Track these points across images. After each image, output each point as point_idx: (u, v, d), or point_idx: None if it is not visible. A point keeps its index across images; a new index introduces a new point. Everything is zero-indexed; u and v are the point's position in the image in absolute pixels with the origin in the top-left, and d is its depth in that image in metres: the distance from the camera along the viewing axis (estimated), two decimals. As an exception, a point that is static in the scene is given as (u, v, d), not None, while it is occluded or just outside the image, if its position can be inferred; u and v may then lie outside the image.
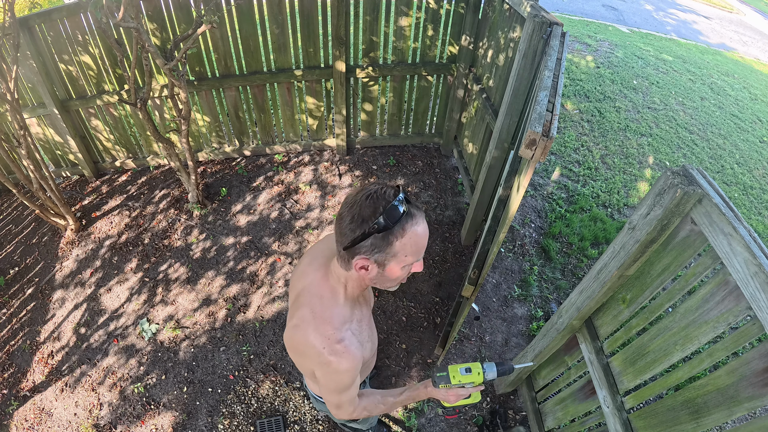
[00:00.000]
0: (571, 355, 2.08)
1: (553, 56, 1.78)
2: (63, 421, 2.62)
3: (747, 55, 8.46)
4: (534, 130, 1.29)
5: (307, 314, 1.11)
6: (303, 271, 1.23)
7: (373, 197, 0.94)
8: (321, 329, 1.09)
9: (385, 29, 3.34)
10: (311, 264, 1.21)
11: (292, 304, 1.22)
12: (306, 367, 1.21)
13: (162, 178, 3.90)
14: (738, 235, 1.11)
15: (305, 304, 1.14)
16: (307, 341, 1.10)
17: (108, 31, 2.59)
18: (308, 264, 1.22)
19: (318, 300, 1.13)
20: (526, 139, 1.30)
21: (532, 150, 1.31)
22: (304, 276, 1.20)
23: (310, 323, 1.10)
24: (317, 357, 1.09)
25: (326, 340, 1.08)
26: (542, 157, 1.33)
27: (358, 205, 0.95)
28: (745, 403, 1.20)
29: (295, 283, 1.25)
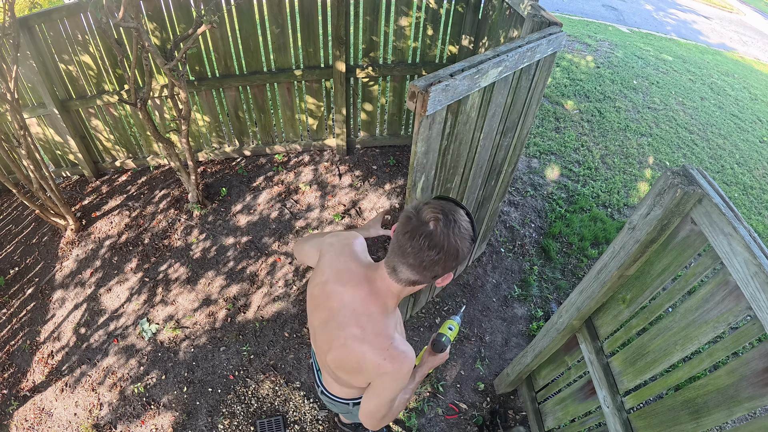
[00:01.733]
0: (571, 355, 2.08)
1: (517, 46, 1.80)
2: (63, 421, 2.62)
3: (747, 55, 8.46)
4: (416, 84, 1.44)
5: (358, 332, 1.13)
6: (332, 291, 1.20)
7: (461, 226, 1.00)
8: (376, 343, 1.12)
9: (385, 29, 3.34)
10: (342, 283, 1.19)
11: (327, 324, 1.21)
12: (360, 382, 1.22)
13: (162, 178, 3.90)
14: (738, 235, 1.11)
15: (351, 323, 1.14)
16: (363, 358, 1.13)
17: (108, 31, 2.59)
18: (337, 283, 1.19)
19: (366, 317, 1.14)
20: (408, 92, 1.49)
21: (414, 102, 1.47)
22: (337, 296, 1.18)
23: (363, 341, 1.12)
24: (376, 369, 1.12)
25: (384, 351, 1.11)
26: (422, 110, 1.47)
27: (452, 229, 0.98)
28: (745, 403, 1.20)
29: (323, 304, 1.22)
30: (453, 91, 1.54)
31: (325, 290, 1.22)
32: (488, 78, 1.68)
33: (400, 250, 1.02)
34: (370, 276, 1.17)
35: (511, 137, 2.30)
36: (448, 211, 1.00)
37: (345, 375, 1.25)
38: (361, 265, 1.21)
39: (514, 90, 1.98)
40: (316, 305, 1.26)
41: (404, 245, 1.01)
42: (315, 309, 1.27)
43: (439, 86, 1.46)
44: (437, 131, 1.69)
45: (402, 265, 1.04)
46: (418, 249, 0.98)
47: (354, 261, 1.22)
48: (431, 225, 0.98)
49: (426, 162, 1.78)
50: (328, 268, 1.24)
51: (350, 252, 1.25)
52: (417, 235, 0.98)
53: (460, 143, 1.92)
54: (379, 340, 1.12)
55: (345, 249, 1.26)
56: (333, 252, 1.26)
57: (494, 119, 2.01)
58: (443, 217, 0.98)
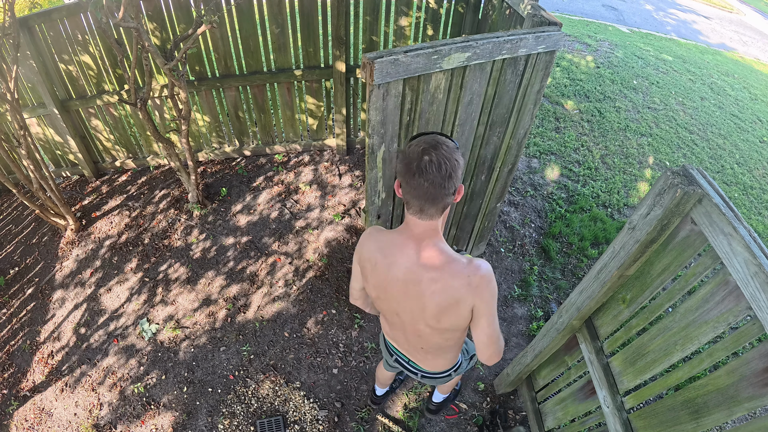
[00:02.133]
0: (571, 355, 2.08)
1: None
2: (63, 421, 2.62)
3: (747, 55, 8.46)
4: (366, 55, 1.56)
5: (434, 275, 1.25)
6: (390, 270, 1.31)
7: (447, 144, 1.15)
8: (454, 270, 1.23)
9: (385, 29, 3.34)
10: (392, 258, 1.30)
11: (408, 296, 1.32)
12: (466, 316, 1.30)
13: (162, 178, 3.90)
14: (738, 235, 1.11)
15: (423, 276, 1.26)
16: (453, 288, 1.24)
17: (108, 31, 2.59)
18: (389, 264, 1.31)
19: (429, 261, 1.25)
20: (361, 64, 1.61)
21: (363, 71, 1.60)
22: (397, 269, 1.30)
23: (441, 278, 1.24)
24: (470, 289, 1.23)
25: (465, 268, 1.23)
26: (370, 79, 1.56)
27: (443, 164, 1.12)
28: (745, 403, 1.20)
29: (392, 287, 1.34)
30: (405, 67, 1.61)
31: (387, 276, 1.33)
32: (452, 61, 1.71)
33: (415, 191, 1.15)
34: (405, 234, 1.28)
35: (501, 133, 2.29)
36: (429, 139, 1.16)
37: (450, 322, 1.33)
38: (392, 234, 1.33)
39: (496, 81, 1.98)
40: (390, 295, 1.37)
41: (416, 185, 1.14)
42: (391, 299, 1.39)
43: (387, 59, 1.55)
44: (394, 104, 1.76)
45: (424, 202, 1.17)
46: (429, 180, 1.12)
47: (383, 237, 1.34)
48: (425, 156, 1.12)
49: (384, 132, 1.84)
50: (371, 263, 1.36)
51: (373, 237, 1.37)
52: (420, 170, 1.12)
53: (428, 123, 1.95)
54: (454, 266, 1.23)
55: (368, 240, 1.38)
56: (364, 253, 1.39)
57: (472, 107, 2.01)
58: (429, 145, 1.13)
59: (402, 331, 1.53)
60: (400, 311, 1.41)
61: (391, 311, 1.46)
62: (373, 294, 1.45)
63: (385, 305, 1.45)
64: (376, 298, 1.46)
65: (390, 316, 1.50)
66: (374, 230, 1.40)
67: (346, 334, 2.94)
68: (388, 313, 1.49)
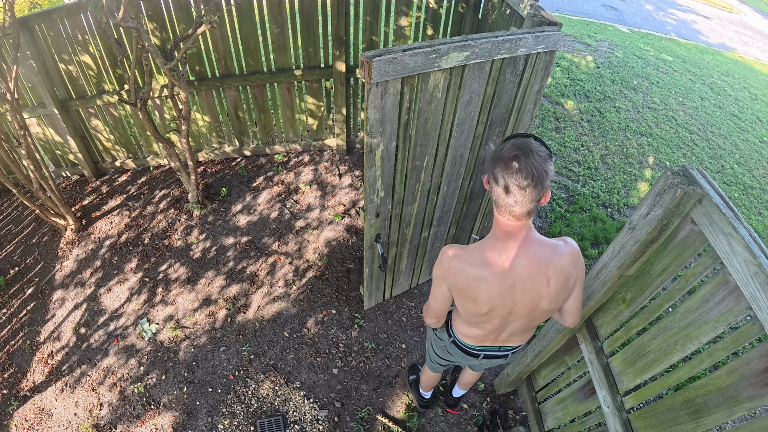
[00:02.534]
0: (571, 355, 2.08)
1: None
2: (63, 421, 2.62)
3: (747, 55, 8.46)
4: (365, 54, 1.55)
5: (548, 263, 1.34)
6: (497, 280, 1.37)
7: (540, 152, 1.19)
8: (561, 253, 1.35)
9: (385, 29, 3.34)
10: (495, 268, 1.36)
11: (525, 292, 1.39)
12: (571, 286, 1.42)
13: (162, 178, 3.91)
14: (738, 235, 1.11)
15: (535, 271, 1.35)
16: (564, 269, 1.35)
17: (108, 31, 2.59)
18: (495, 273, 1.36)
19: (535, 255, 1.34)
20: (359, 62, 1.61)
21: (362, 70, 1.60)
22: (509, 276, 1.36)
23: (556, 264, 1.34)
24: (573, 262, 1.37)
25: (566, 248, 1.35)
26: (368, 78, 1.57)
27: (533, 158, 1.17)
28: (745, 403, 1.20)
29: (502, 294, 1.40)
30: (403, 65, 1.61)
31: (501, 286, 1.38)
32: (451, 60, 1.71)
33: (508, 197, 1.22)
34: (500, 238, 1.34)
35: (501, 132, 2.29)
36: (522, 144, 1.20)
37: (563, 299, 1.44)
38: (484, 245, 1.38)
39: (496, 81, 1.98)
40: (504, 302, 1.42)
41: (508, 190, 1.20)
42: (503, 306, 1.43)
43: (385, 57, 1.55)
44: (392, 102, 1.76)
45: (512, 206, 1.23)
46: (517, 186, 1.18)
47: (478, 254, 1.37)
48: (515, 163, 1.17)
49: (383, 131, 1.84)
50: (475, 283, 1.39)
51: (467, 259, 1.39)
52: (513, 177, 1.18)
53: (426, 122, 1.94)
54: (558, 250, 1.34)
55: (461, 263, 1.39)
56: (462, 279, 1.40)
57: (471, 107, 2.01)
58: (521, 152, 1.18)
59: (505, 327, 1.58)
60: (514, 310, 1.46)
61: (499, 316, 1.49)
62: (479, 309, 1.46)
63: (495, 313, 1.47)
64: (483, 312, 1.47)
65: (494, 321, 1.53)
66: (455, 251, 1.41)
67: (346, 334, 2.94)
68: (494, 319, 1.51)
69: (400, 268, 2.82)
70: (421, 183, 2.25)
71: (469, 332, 1.68)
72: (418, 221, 2.50)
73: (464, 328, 1.69)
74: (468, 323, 1.63)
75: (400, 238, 2.52)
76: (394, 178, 2.11)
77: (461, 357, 1.87)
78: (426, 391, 2.53)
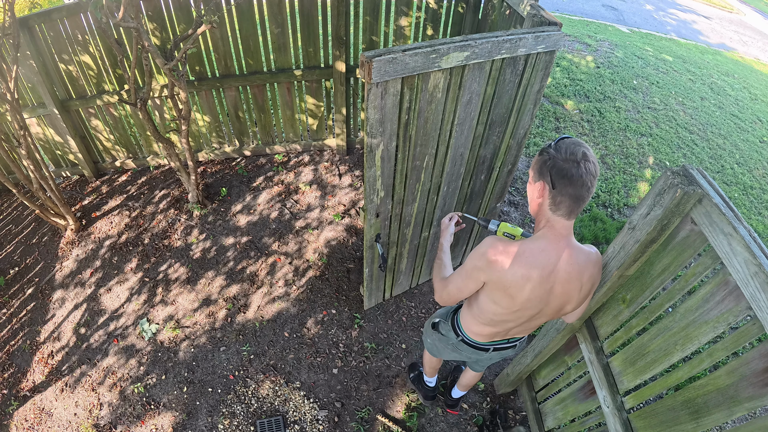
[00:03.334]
0: (571, 355, 2.08)
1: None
2: (63, 421, 2.62)
3: (747, 55, 8.46)
4: (365, 54, 1.55)
5: (583, 270, 1.40)
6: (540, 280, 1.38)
7: (591, 151, 1.27)
8: (593, 260, 1.43)
9: (385, 29, 3.34)
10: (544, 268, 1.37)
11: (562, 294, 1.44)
12: (593, 290, 1.52)
13: (162, 178, 3.91)
14: (738, 235, 1.11)
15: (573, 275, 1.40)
16: (594, 276, 1.45)
17: (108, 31, 2.59)
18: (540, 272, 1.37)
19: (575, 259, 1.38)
20: (359, 62, 1.61)
21: (362, 70, 1.60)
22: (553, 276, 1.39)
23: (589, 270, 1.42)
24: (598, 270, 1.47)
25: (595, 255, 1.44)
26: (368, 78, 1.57)
27: (596, 165, 1.26)
28: (745, 403, 1.20)
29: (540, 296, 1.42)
30: (403, 65, 1.61)
31: (543, 287, 1.39)
32: (451, 60, 1.71)
33: (572, 194, 1.24)
34: (550, 238, 1.35)
35: (501, 132, 2.29)
36: (581, 145, 1.25)
37: (586, 299, 1.54)
38: (536, 244, 1.37)
39: (496, 81, 1.98)
40: (537, 302, 1.44)
41: (574, 188, 1.23)
42: (534, 306, 1.45)
43: (385, 57, 1.55)
44: (392, 102, 1.76)
45: (578, 204, 1.27)
46: (586, 185, 1.23)
47: (529, 253, 1.37)
48: (583, 164, 1.22)
49: (383, 131, 1.84)
50: (522, 282, 1.38)
51: (519, 257, 1.36)
52: (580, 176, 1.22)
53: (426, 122, 1.94)
54: (591, 257, 1.42)
55: (514, 261, 1.36)
56: (510, 277, 1.38)
57: (471, 107, 2.01)
58: (584, 153, 1.23)
59: (523, 324, 1.59)
60: (542, 311, 1.49)
61: (526, 316, 1.51)
62: (512, 307, 1.46)
63: (524, 313, 1.49)
64: (514, 311, 1.47)
65: (520, 320, 1.54)
66: (504, 246, 1.39)
67: (346, 334, 2.94)
68: (520, 318, 1.53)
69: (400, 268, 2.82)
70: (421, 183, 2.25)
71: (482, 331, 1.68)
72: (418, 221, 2.50)
73: (478, 327, 1.68)
74: (485, 322, 1.61)
75: (400, 238, 2.52)
76: (394, 178, 2.11)
77: (470, 353, 1.86)
78: (430, 376, 2.52)
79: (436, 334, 1.96)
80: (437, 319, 1.96)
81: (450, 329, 1.85)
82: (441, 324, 1.93)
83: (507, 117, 2.23)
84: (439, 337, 1.95)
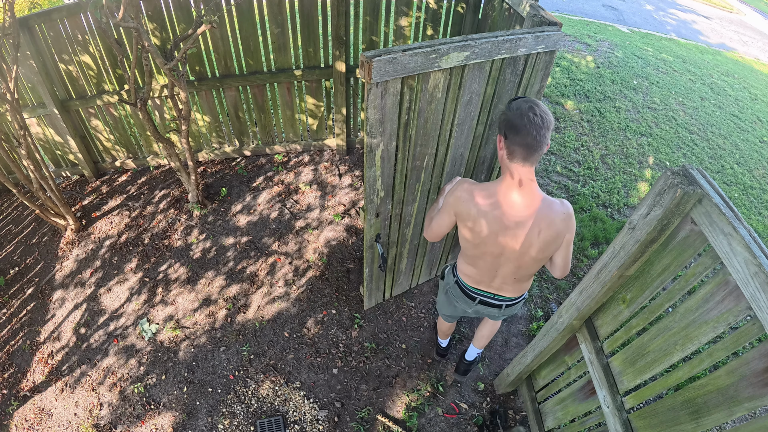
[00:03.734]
0: (571, 355, 2.08)
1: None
2: (63, 421, 2.62)
3: (747, 55, 8.47)
4: (365, 54, 1.56)
5: (542, 216, 1.55)
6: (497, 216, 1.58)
7: (542, 104, 1.45)
8: (555, 209, 1.57)
9: (385, 29, 3.34)
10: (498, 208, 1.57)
11: (516, 236, 1.60)
12: (560, 242, 1.63)
13: (162, 178, 3.91)
14: (738, 235, 1.11)
15: (528, 220, 1.56)
16: (556, 224, 1.56)
17: (108, 31, 2.59)
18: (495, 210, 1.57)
19: (533, 205, 1.55)
20: (359, 62, 1.61)
21: (362, 70, 1.60)
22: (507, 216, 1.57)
23: (549, 218, 1.56)
24: (565, 221, 1.58)
25: (561, 207, 1.58)
26: (368, 78, 1.58)
27: (545, 117, 1.42)
28: (745, 403, 1.20)
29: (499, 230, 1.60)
30: (403, 66, 1.61)
31: (496, 225, 1.58)
32: (451, 60, 1.71)
33: (523, 140, 1.43)
34: (506, 183, 1.54)
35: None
36: (529, 99, 1.45)
37: (549, 252, 1.64)
38: (492, 186, 1.59)
39: (496, 81, 1.98)
40: (495, 240, 1.62)
41: (525, 134, 1.42)
42: (495, 244, 1.63)
43: (385, 57, 1.55)
44: (392, 102, 1.76)
45: (530, 150, 1.45)
46: (536, 129, 1.40)
47: (484, 190, 1.59)
48: (531, 111, 1.40)
49: (383, 131, 1.84)
50: (475, 215, 1.60)
51: (474, 192, 1.60)
52: (530, 121, 1.40)
53: (426, 122, 1.94)
54: (554, 206, 1.56)
55: (468, 195, 1.61)
56: (464, 208, 1.62)
57: (471, 107, 2.01)
58: (533, 103, 1.43)
59: (497, 269, 1.77)
60: (505, 252, 1.66)
61: (491, 254, 1.69)
62: (475, 240, 1.67)
63: (487, 249, 1.67)
64: (477, 244, 1.67)
65: (487, 258, 1.72)
66: (469, 185, 1.62)
67: (346, 334, 2.94)
68: (487, 256, 1.71)
69: (400, 268, 2.82)
70: (421, 183, 2.25)
71: (467, 270, 1.90)
72: (418, 221, 2.50)
73: (464, 266, 1.91)
74: (466, 260, 1.85)
75: (400, 238, 2.52)
76: (394, 178, 2.11)
77: (462, 301, 2.06)
78: (443, 338, 2.73)
79: (441, 283, 2.19)
80: (446, 266, 2.21)
81: (450, 273, 2.09)
82: (446, 270, 2.17)
83: None
84: (441, 286, 2.18)
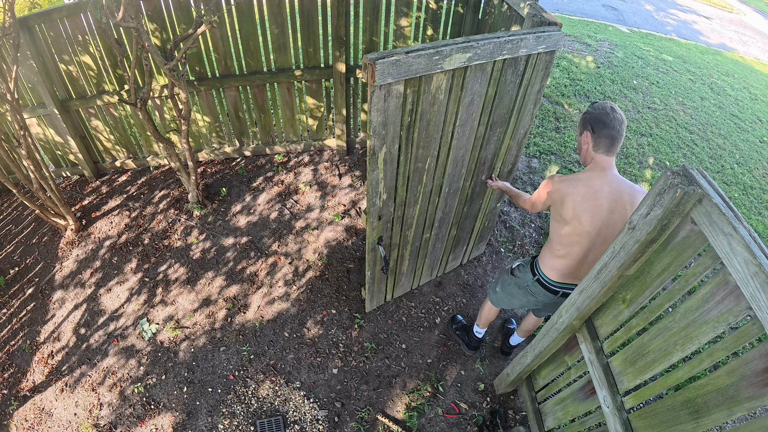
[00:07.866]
0: (571, 355, 2.08)
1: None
2: (63, 421, 2.62)
3: (747, 55, 8.46)
4: (368, 56, 1.56)
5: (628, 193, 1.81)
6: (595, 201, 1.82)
7: (617, 107, 1.78)
8: (635, 188, 1.82)
9: (385, 29, 3.34)
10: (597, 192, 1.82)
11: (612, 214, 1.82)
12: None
13: (162, 178, 3.91)
14: (738, 235, 1.11)
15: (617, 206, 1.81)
16: (636, 200, 1.79)
17: (108, 31, 2.59)
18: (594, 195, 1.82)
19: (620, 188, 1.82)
20: (362, 65, 1.61)
21: (365, 72, 1.60)
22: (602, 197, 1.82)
23: (631, 194, 1.81)
24: (642, 194, 1.80)
25: (636, 186, 1.84)
26: (372, 80, 1.57)
27: (622, 115, 1.78)
28: (745, 403, 1.20)
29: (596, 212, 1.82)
30: (406, 68, 1.61)
31: (595, 203, 1.81)
32: (453, 62, 1.71)
33: (609, 133, 1.77)
34: (596, 171, 1.83)
35: (501, 133, 2.29)
36: (607, 101, 1.82)
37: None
38: (583, 175, 1.84)
39: (497, 82, 1.98)
40: (597, 218, 1.82)
41: (610, 128, 1.76)
42: (596, 221, 1.82)
43: (388, 60, 1.54)
44: (395, 105, 1.75)
45: (614, 142, 1.78)
46: (619, 124, 1.76)
47: (580, 181, 1.83)
48: (614, 111, 1.76)
49: (386, 133, 1.83)
50: (579, 198, 1.83)
51: (573, 185, 1.84)
52: (614, 118, 1.76)
53: (429, 123, 1.94)
54: (633, 186, 1.82)
55: (569, 188, 1.84)
56: (569, 199, 1.85)
57: (472, 107, 2.01)
58: (612, 104, 1.78)
59: (588, 255, 1.92)
60: (602, 228, 1.83)
61: (588, 234, 1.85)
62: (573, 226, 1.86)
63: (584, 229, 1.85)
64: (574, 231, 1.87)
65: (584, 243, 1.88)
66: (565, 177, 1.88)
67: (346, 334, 2.94)
68: (584, 239, 1.87)
69: (401, 270, 2.82)
70: (423, 185, 2.25)
71: (556, 264, 2.01)
72: (419, 223, 2.50)
73: (553, 261, 2.02)
74: (557, 254, 1.99)
75: (402, 240, 2.52)
76: (397, 180, 2.11)
77: (542, 295, 2.15)
78: (482, 327, 2.74)
79: (512, 279, 2.26)
80: (516, 264, 2.28)
81: (527, 271, 2.17)
82: (519, 267, 2.25)
83: (508, 117, 2.23)
84: (514, 282, 2.25)
